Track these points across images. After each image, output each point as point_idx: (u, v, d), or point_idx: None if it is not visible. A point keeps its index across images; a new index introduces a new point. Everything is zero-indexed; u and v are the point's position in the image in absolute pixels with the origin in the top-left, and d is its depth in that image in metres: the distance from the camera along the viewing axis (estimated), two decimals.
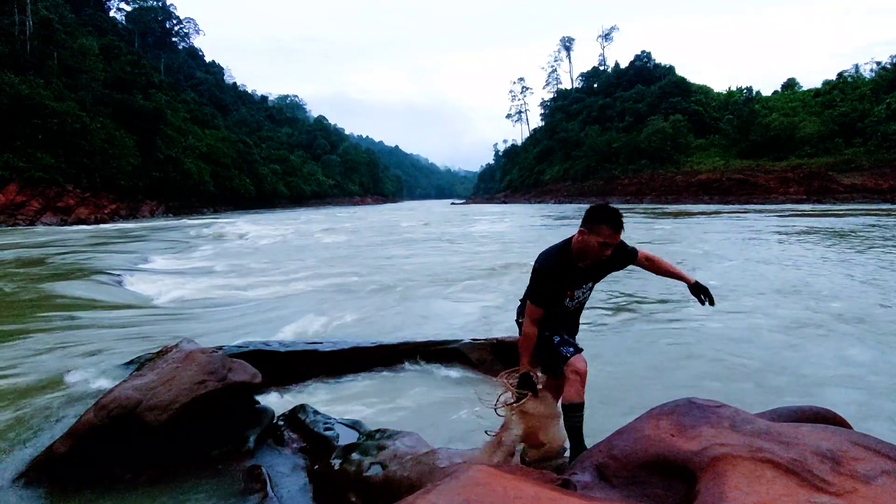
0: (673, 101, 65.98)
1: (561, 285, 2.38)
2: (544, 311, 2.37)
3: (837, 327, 5.39)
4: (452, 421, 3.25)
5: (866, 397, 3.57)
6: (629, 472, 1.40)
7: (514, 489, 1.10)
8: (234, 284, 8.85)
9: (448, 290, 8.15)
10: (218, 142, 61.28)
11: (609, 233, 2.23)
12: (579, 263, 2.35)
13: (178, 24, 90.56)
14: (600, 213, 2.26)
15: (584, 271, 2.39)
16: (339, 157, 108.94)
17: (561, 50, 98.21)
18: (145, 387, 2.55)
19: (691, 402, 1.58)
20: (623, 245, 2.42)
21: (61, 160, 32.99)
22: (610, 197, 58.87)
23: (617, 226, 2.25)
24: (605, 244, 2.25)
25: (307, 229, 24.46)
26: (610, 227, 2.23)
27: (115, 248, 15.43)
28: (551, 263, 2.37)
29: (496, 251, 13.70)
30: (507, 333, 4.56)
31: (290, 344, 4.28)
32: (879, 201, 37.95)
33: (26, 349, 4.72)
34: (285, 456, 2.69)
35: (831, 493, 1.08)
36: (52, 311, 6.55)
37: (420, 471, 2.00)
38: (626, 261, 2.48)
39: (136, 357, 4.01)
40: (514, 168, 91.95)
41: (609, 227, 2.23)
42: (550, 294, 2.37)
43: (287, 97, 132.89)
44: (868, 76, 54.90)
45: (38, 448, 2.63)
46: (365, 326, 5.77)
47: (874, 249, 11.78)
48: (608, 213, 2.25)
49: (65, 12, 50.20)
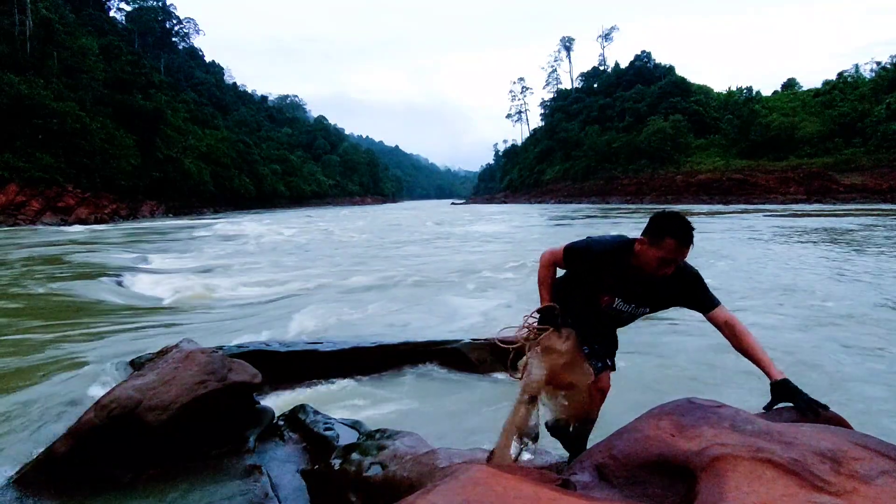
0: (673, 101, 65.96)
1: (599, 280, 2.02)
2: (569, 273, 2.06)
3: (837, 327, 5.39)
4: (452, 421, 3.25)
5: (866, 397, 3.57)
6: (629, 471, 1.40)
7: (514, 489, 1.11)
8: (235, 284, 8.85)
9: (470, 286, 8.31)
10: (218, 142, 61.26)
11: (674, 247, 1.83)
12: (636, 272, 1.96)
13: (178, 24, 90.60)
14: (667, 223, 1.85)
15: (638, 285, 1.99)
16: (339, 157, 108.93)
17: (561, 50, 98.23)
18: (145, 387, 2.55)
19: (691, 402, 1.58)
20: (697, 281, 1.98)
21: (61, 160, 32.97)
22: (610, 197, 58.89)
23: (685, 240, 1.83)
24: (666, 261, 1.85)
25: (309, 229, 24.46)
26: (677, 242, 1.83)
27: (115, 247, 15.43)
28: (601, 249, 1.99)
29: (507, 251, 13.76)
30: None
31: (290, 344, 4.28)
32: (879, 201, 37.93)
33: (26, 349, 4.72)
34: (285, 456, 2.69)
35: (831, 493, 1.08)
36: (52, 310, 6.56)
37: (420, 471, 2.00)
38: (696, 303, 1.99)
39: (136, 357, 4.01)
40: (514, 168, 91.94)
41: (676, 242, 1.82)
42: (581, 275, 2.06)
43: (287, 97, 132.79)
44: (868, 76, 54.91)
45: (39, 448, 2.63)
46: (369, 325, 5.76)
47: (874, 249, 11.78)
48: (676, 223, 1.84)
49: (65, 12, 50.19)
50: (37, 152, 31.76)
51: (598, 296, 2.04)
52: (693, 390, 2.91)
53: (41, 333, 5.32)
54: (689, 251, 1.86)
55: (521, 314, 2.24)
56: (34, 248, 15.13)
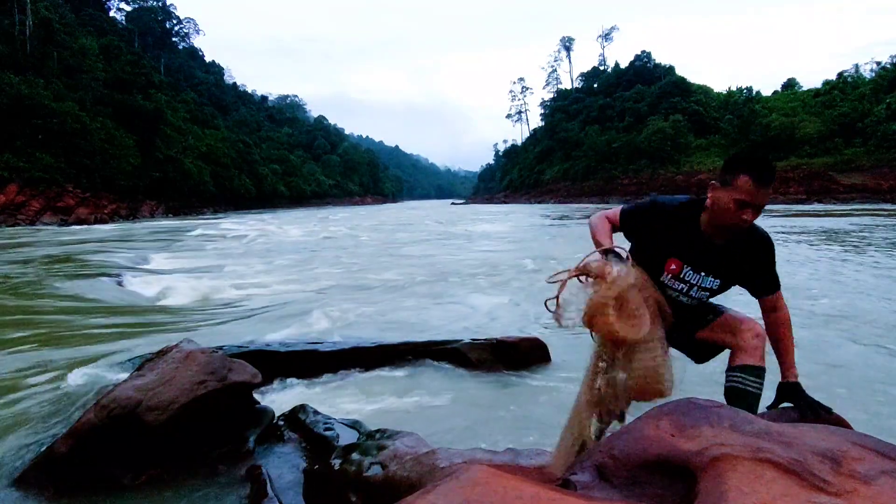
0: (673, 101, 66.00)
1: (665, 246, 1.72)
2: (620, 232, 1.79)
3: (837, 327, 5.39)
4: (452, 421, 3.25)
5: (866, 397, 3.57)
6: (629, 472, 1.40)
7: (514, 489, 1.11)
8: (236, 284, 8.84)
9: (478, 284, 8.35)
10: (218, 142, 61.28)
11: (750, 186, 1.54)
12: (708, 234, 1.69)
13: (178, 24, 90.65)
14: (740, 159, 1.61)
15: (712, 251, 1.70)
16: (339, 157, 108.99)
17: (561, 50, 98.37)
18: (145, 387, 2.55)
19: (691, 402, 1.58)
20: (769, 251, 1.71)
21: (61, 160, 32.98)
22: (610, 197, 58.87)
23: (761, 177, 1.54)
24: (742, 204, 1.57)
25: (314, 228, 24.47)
26: (752, 179, 1.54)
27: (115, 247, 15.43)
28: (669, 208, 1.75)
29: (511, 249, 13.79)
30: (507, 333, 4.57)
31: (290, 344, 4.28)
32: (879, 201, 37.94)
33: (25, 349, 4.72)
34: (285, 456, 2.69)
35: (831, 493, 1.08)
36: (52, 310, 6.56)
37: (420, 471, 2.00)
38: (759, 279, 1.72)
39: (137, 357, 4.01)
40: (514, 168, 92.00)
41: (751, 179, 1.54)
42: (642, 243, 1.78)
43: (287, 97, 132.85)
44: (868, 76, 54.93)
45: (38, 448, 2.63)
46: (372, 325, 5.76)
47: (874, 249, 11.78)
48: (751, 158, 1.59)
49: (65, 12, 50.22)
50: (37, 152, 31.76)
51: (666, 261, 1.74)
52: (693, 391, 2.91)
53: (39, 333, 5.31)
54: (768, 195, 1.57)
55: (527, 312, 2.12)
56: (34, 248, 15.13)
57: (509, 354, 4.21)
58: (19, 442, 2.81)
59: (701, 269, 1.75)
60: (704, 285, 1.78)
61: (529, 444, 2.76)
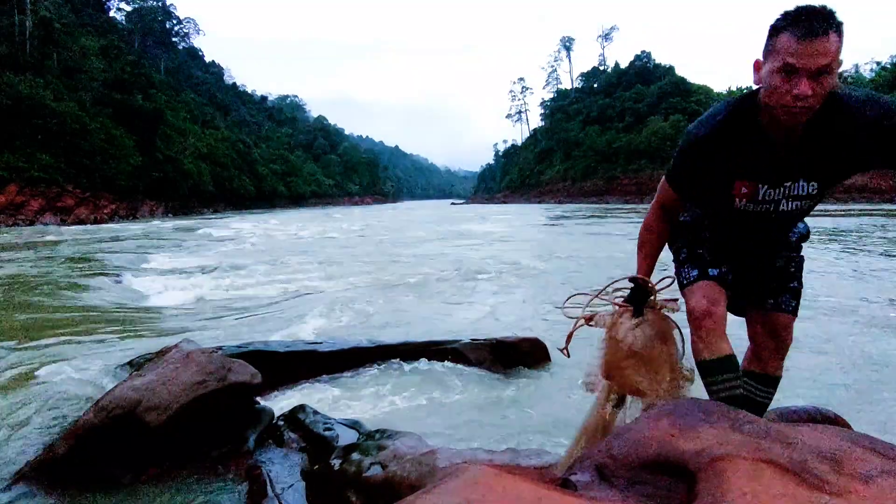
0: (673, 101, 66.05)
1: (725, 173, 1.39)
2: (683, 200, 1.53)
3: (836, 326, 5.39)
4: (452, 421, 3.25)
5: (866, 397, 3.57)
6: (629, 472, 1.40)
7: (514, 489, 1.10)
8: (235, 284, 8.84)
9: (480, 283, 8.41)
10: (218, 142, 61.33)
11: (793, 45, 1.16)
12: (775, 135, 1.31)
13: (179, 24, 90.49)
14: (777, 18, 1.21)
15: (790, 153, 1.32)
16: (338, 157, 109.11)
17: (561, 50, 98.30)
18: (145, 387, 2.55)
19: (692, 402, 1.58)
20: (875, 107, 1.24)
21: (61, 160, 32.99)
22: (610, 197, 58.92)
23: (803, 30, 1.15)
24: (791, 69, 1.17)
25: (315, 228, 24.47)
26: (793, 35, 1.16)
27: (115, 247, 15.43)
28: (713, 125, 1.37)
29: (513, 249, 13.80)
30: (507, 333, 4.57)
31: (290, 344, 4.28)
32: (879, 201, 37.96)
33: (25, 349, 4.72)
34: (285, 456, 2.69)
35: (831, 493, 1.08)
36: (51, 310, 6.55)
37: (420, 471, 2.00)
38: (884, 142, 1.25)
39: (137, 357, 4.00)
40: (514, 168, 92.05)
41: (791, 36, 1.17)
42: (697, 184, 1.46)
43: (287, 97, 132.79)
44: (868, 76, 54.90)
45: (38, 448, 2.63)
46: (373, 325, 5.76)
47: (873, 249, 11.78)
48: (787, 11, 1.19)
49: (65, 12, 50.18)
50: (37, 152, 31.77)
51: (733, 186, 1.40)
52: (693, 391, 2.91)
53: (39, 333, 5.31)
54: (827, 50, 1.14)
55: (530, 310, 2.09)
56: (34, 248, 15.12)
57: (509, 354, 4.21)
58: (18, 442, 2.81)
59: (783, 181, 1.38)
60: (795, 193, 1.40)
61: (529, 444, 2.76)
